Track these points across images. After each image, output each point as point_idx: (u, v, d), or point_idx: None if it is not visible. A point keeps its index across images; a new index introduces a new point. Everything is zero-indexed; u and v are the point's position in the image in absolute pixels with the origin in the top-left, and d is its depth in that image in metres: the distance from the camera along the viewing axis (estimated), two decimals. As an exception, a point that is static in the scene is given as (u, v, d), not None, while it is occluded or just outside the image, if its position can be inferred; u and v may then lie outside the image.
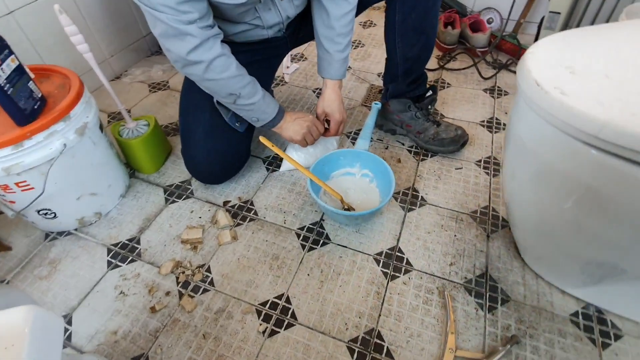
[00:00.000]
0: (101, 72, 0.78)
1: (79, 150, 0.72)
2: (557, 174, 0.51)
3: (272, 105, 0.77)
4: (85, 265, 0.76)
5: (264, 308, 0.69)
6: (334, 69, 0.82)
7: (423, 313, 0.67)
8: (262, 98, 0.74)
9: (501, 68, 1.26)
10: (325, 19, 0.77)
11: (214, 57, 0.64)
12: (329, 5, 0.75)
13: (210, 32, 0.63)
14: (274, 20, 0.75)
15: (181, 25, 0.59)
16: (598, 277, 0.64)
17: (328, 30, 0.78)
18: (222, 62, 0.65)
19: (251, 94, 0.72)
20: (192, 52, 0.62)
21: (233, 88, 0.69)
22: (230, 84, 0.68)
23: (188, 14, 0.58)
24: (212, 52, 0.63)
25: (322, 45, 0.80)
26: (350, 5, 0.75)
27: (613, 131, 0.40)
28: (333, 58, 0.80)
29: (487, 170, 0.93)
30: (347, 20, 0.76)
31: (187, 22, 0.59)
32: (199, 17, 0.59)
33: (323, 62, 0.83)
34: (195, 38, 0.61)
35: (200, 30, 0.60)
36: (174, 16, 0.58)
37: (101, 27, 1.22)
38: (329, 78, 0.84)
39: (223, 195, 0.90)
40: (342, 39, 0.78)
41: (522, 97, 0.52)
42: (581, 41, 0.54)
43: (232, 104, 0.73)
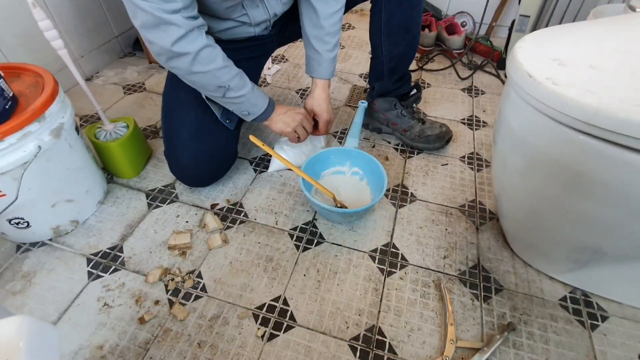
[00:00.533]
0: (76, 70, 0.73)
1: (54, 153, 0.67)
2: (548, 161, 0.53)
3: (262, 97, 0.75)
4: (63, 278, 0.71)
5: (261, 311, 0.66)
6: (324, 68, 0.82)
7: (422, 307, 0.68)
8: (252, 90, 0.72)
9: (477, 69, 1.31)
10: (314, 18, 0.76)
11: (200, 47, 0.61)
12: (317, 5, 0.74)
13: (195, 22, 0.60)
14: (261, 18, 0.74)
15: (164, 14, 0.55)
16: (582, 262, 0.67)
17: (317, 29, 0.77)
18: (209, 53, 0.63)
19: (240, 85, 0.69)
20: (177, 43, 0.59)
21: (221, 80, 0.66)
22: (218, 75, 0.65)
23: (172, 2, 0.55)
24: (198, 43, 0.61)
25: (311, 45, 0.80)
26: (339, 4, 0.76)
27: (605, 117, 0.42)
28: (322, 57, 0.80)
29: (472, 165, 0.96)
30: (335, 19, 0.76)
31: (171, 11, 0.56)
32: (182, 7, 0.57)
33: (312, 62, 0.82)
34: (180, 28, 0.57)
35: (184, 20, 0.57)
36: (157, 4, 0.54)
37: (70, 27, 1.15)
38: (319, 77, 0.83)
39: (210, 198, 0.86)
40: (331, 38, 0.78)
41: (513, 89, 0.54)
42: (563, 37, 0.57)
43: (222, 98, 0.70)
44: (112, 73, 1.26)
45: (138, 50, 1.37)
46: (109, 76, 1.25)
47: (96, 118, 1.08)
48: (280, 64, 1.36)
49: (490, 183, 0.91)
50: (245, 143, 1.01)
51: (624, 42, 0.54)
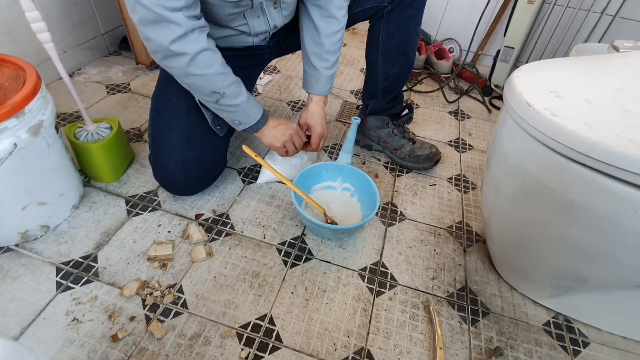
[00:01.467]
0: (62, 66, 0.69)
1: (30, 152, 0.62)
2: (541, 187, 0.55)
3: (256, 108, 0.73)
4: (28, 287, 0.64)
5: (245, 331, 0.63)
6: (321, 85, 0.81)
7: (411, 329, 0.67)
8: (247, 100, 0.70)
9: (463, 94, 1.35)
10: (315, 36, 0.76)
11: (199, 50, 0.59)
12: (319, 23, 0.75)
13: (196, 22, 0.58)
14: (261, 29, 0.73)
15: (165, 11, 0.53)
16: (564, 288, 0.68)
17: (317, 47, 0.77)
18: (208, 56, 0.61)
19: (235, 94, 0.67)
20: (176, 42, 0.56)
21: (217, 86, 0.64)
22: (214, 81, 0.63)
23: (174, 0, 0.53)
24: (198, 45, 0.59)
25: (309, 62, 0.80)
26: (340, 24, 0.76)
27: (602, 150, 0.44)
28: (320, 74, 0.80)
29: (458, 187, 0.98)
30: (336, 38, 0.77)
31: (172, 8, 0.54)
32: (185, 5, 0.55)
33: (310, 78, 0.82)
34: (180, 27, 0.55)
35: (185, 19, 0.56)
36: (158, 0, 0.53)
37: (54, 20, 1.10)
38: (315, 94, 0.83)
39: (195, 208, 0.83)
40: (331, 56, 0.78)
41: (510, 116, 0.55)
42: (556, 70, 0.60)
43: (215, 104, 0.68)
44: (95, 71, 1.20)
45: (125, 50, 1.32)
46: (91, 74, 1.19)
47: (76, 117, 1.03)
48: (272, 75, 1.35)
49: (477, 205, 0.93)
50: (234, 152, 0.98)
51: (613, 80, 0.57)
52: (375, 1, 0.80)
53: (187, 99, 0.72)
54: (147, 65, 1.27)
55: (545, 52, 1.35)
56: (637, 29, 1.29)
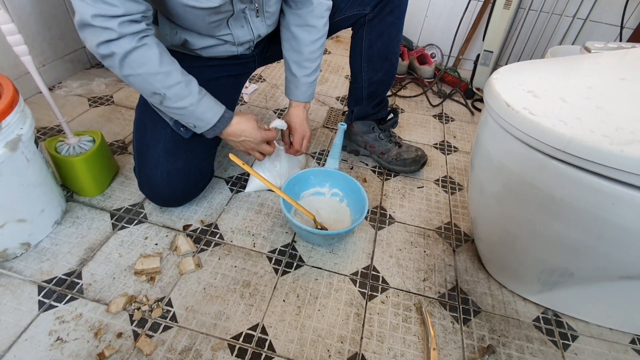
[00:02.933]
0: (40, 79, 0.68)
1: (8, 167, 0.60)
2: (523, 185, 0.56)
3: (212, 111, 0.67)
4: (8, 308, 0.62)
5: (237, 342, 0.62)
6: (301, 92, 0.82)
7: (404, 331, 0.66)
8: (197, 102, 0.64)
9: (446, 97, 1.38)
10: (294, 44, 0.77)
11: (130, 49, 0.55)
12: (298, 32, 0.75)
13: (132, 27, 0.55)
14: (245, 38, 0.73)
15: (98, 20, 0.52)
16: (551, 283, 0.70)
17: (296, 54, 0.78)
18: (138, 55, 0.56)
19: (180, 96, 0.62)
20: (103, 45, 0.54)
21: (156, 87, 0.60)
22: (150, 81, 0.59)
23: (113, 7, 0.52)
24: (126, 46, 0.55)
25: (289, 69, 0.81)
26: (320, 32, 0.77)
27: (577, 146, 0.46)
28: (300, 82, 0.81)
29: (445, 188, 0.99)
30: (316, 47, 0.78)
31: (109, 15, 0.52)
32: (123, 14, 0.53)
33: (290, 85, 0.83)
34: (112, 32, 0.53)
35: (117, 25, 0.53)
36: (97, 8, 0.51)
37: (32, 33, 1.08)
38: (295, 100, 0.83)
39: (182, 219, 0.81)
40: (310, 63, 0.79)
41: (491, 116, 0.56)
42: (532, 72, 0.62)
43: (159, 105, 0.64)
44: (77, 84, 1.18)
45: (107, 62, 1.30)
46: (72, 87, 1.17)
47: (57, 131, 1.00)
48: (258, 84, 1.35)
49: (464, 206, 0.94)
50: (221, 161, 0.98)
51: (586, 79, 0.59)
52: (356, 9, 0.82)
53: None
54: (130, 77, 1.25)
55: (522, 55, 1.40)
56: (606, 31, 1.35)
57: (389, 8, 0.80)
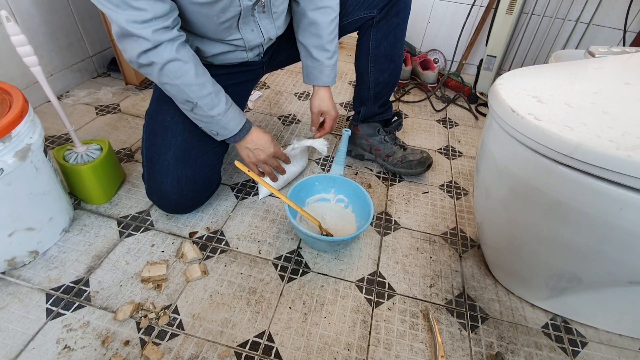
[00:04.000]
0: (49, 89, 0.69)
1: (17, 176, 0.61)
2: (529, 189, 0.56)
3: (236, 121, 0.72)
4: (16, 317, 0.62)
5: (243, 350, 0.62)
6: (325, 75, 0.83)
7: (411, 338, 0.66)
8: (224, 112, 0.69)
9: (450, 102, 1.38)
10: (312, 29, 0.78)
11: (168, 60, 0.60)
12: (315, 16, 0.77)
13: (166, 35, 0.59)
14: (256, 42, 0.74)
15: (132, 25, 0.55)
16: (560, 289, 0.69)
17: (316, 39, 0.79)
18: (177, 67, 0.62)
19: (211, 106, 0.67)
20: (143, 55, 0.59)
21: (190, 96, 0.65)
22: (185, 91, 0.64)
23: (143, 12, 0.55)
24: (166, 56, 0.60)
25: (310, 55, 0.82)
26: (335, 11, 0.79)
27: (584, 151, 0.45)
28: (324, 65, 0.82)
29: (451, 193, 0.99)
30: (333, 27, 0.79)
31: (141, 21, 0.55)
32: (153, 17, 0.56)
33: (313, 71, 0.83)
34: (147, 42, 0.58)
35: (152, 33, 0.57)
36: (128, 14, 0.54)
37: (40, 43, 1.10)
38: (321, 85, 0.85)
39: (189, 226, 0.82)
40: (330, 45, 0.80)
41: (496, 121, 0.57)
42: (536, 77, 0.62)
43: (190, 112, 0.69)
44: (84, 93, 1.20)
45: (114, 71, 1.32)
46: (80, 96, 1.19)
47: (65, 139, 1.02)
48: (262, 91, 1.37)
49: (470, 211, 0.94)
50: (226, 168, 0.98)
51: (591, 84, 0.59)
52: (364, 12, 0.83)
53: (182, 117, 0.73)
54: (137, 85, 1.27)
55: (526, 59, 1.40)
56: (610, 35, 1.34)
57: (394, 10, 0.82)
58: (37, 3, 1.06)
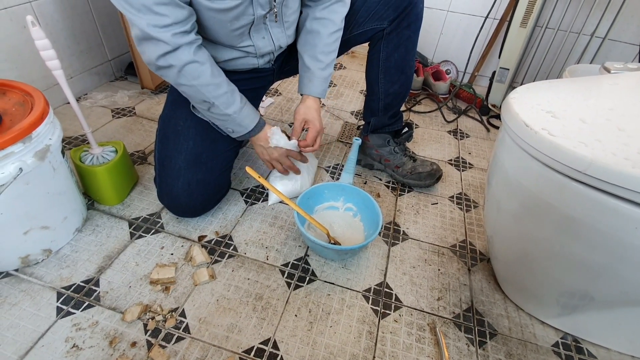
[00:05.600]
0: (70, 92, 0.71)
1: (35, 176, 0.63)
2: (541, 205, 0.55)
3: (250, 118, 0.75)
4: (27, 314, 0.63)
5: (248, 356, 0.62)
6: (314, 85, 0.81)
7: (417, 352, 0.65)
8: (240, 110, 0.72)
9: (461, 113, 1.38)
10: (309, 37, 0.78)
11: (186, 62, 0.62)
12: (314, 25, 0.77)
13: (184, 38, 0.61)
14: (267, 49, 0.76)
15: (153, 30, 0.57)
16: (571, 307, 0.68)
17: (310, 47, 0.79)
18: (194, 68, 0.63)
19: (227, 104, 0.69)
20: (162, 57, 0.61)
21: (206, 96, 0.67)
22: (203, 91, 0.66)
23: (163, 17, 0.57)
24: (183, 59, 0.62)
25: (303, 63, 0.81)
26: (336, 26, 0.78)
27: (599, 168, 0.45)
28: (314, 75, 0.81)
29: (460, 205, 0.98)
30: (331, 40, 0.79)
31: (162, 26, 0.58)
32: (173, 23, 0.58)
33: (303, 79, 0.83)
34: (166, 45, 0.60)
35: (172, 37, 0.59)
36: (149, 18, 0.56)
37: (62, 47, 1.13)
38: (309, 94, 0.83)
39: (198, 230, 0.83)
40: (324, 57, 0.79)
41: (509, 135, 0.56)
42: (550, 91, 0.62)
43: (207, 111, 0.71)
44: (102, 96, 1.23)
45: (131, 75, 1.35)
46: (97, 98, 1.22)
47: (81, 140, 1.04)
48: (274, 98, 1.38)
49: (480, 224, 0.93)
50: (236, 173, 0.99)
51: (606, 101, 0.58)
52: (375, 23, 0.84)
53: (194, 122, 0.74)
54: (152, 90, 1.30)
55: (539, 73, 1.39)
56: (625, 50, 1.33)
57: (405, 22, 0.82)
58: (60, 8, 1.10)
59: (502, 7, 1.38)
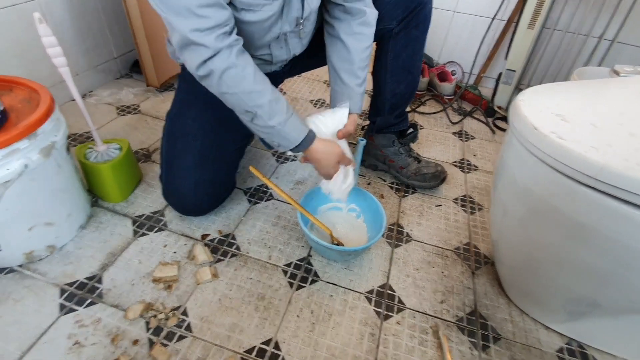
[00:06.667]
0: (76, 89, 0.71)
1: (40, 172, 0.63)
2: (549, 209, 0.54)
3: (297, 131, 0.67)
4: (30, 310, 0.64)
5: (250, 356, 0.61)
6: (354, 102, 0.78)
7: (419, 355, 0.65)
8: (285, 122, 0.65)
9: (466, 115, 1.37)
10: (344, 53, 0.75)
11: (226, 67, 0.58)
12: (348, 40, 0.74)
13: (225, 41, 0.57)
14: (282, 57, 0.76)
15: (196, 35, 0.55)
16: (578, 313, 0.67)
17: (347, 63, 0.76)
18: (235, 73, 0.59)
19: (270, 115, 0.64)
20: (202, 66, 0.58)
21: (249, 105, 0.62)
22: (245, 99, 0.62)
23: (206, 19, 0.54)
24: (223, 63, 0.58)
25: (340, 79, 0.77)
26: (369, 40, 0.76)
27: (610, 174, 0.44)
28: (353, 91, 0.77)
29: (465, 208, 0.97)
30: (366, 55, 0.77)
31: (204, 29, 0.55)
32: (215, 25, 0.55)
33: (341, 97, 0.78)
34: (207, 49, 0.56)
35: (215, 40, 0.56)
36: (191, 22, 0.54)
37: (68, 45, 1.14)
38: (350, 112, 0.78)
39: (201, 228, 0.83)
40: (361, 72, 0.77)
41: (517, 139, 0.56)
42: (559, 94, 0.61)
43: (250, 123, 0.66)
44: (107, 93, 1.23)
45: (136, 73, 1.36)
46: (102, 96, 1.22)
47: (86, 137, 1.04)
48: (278, 97, 1.38)
49: (484, 227, 0.92)
50: (240, 172, 0.99)
51: (616, 104, 0.57)
52: (383, 24, 0.83)
53: (203, 122, 0.74)
54: (157, 87, 1.30)
55: (546, 75, 1.37)
56: (635, 53, 1.31)
57: (414, 22, 0.81)
58: (68, 6, 1.10)
59: (510, 8, 1.37)
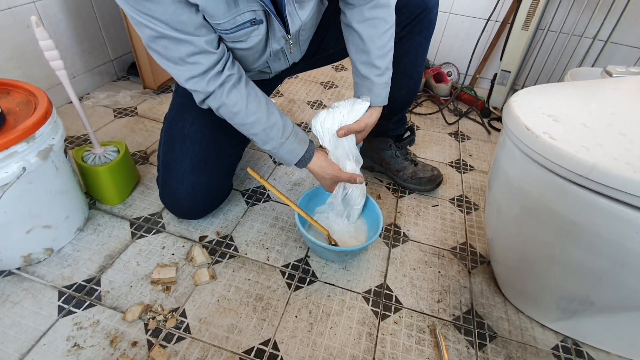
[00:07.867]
0: (73, 92, 0.71)
1: (38, 175, 0.63)
2: (542, 209, 0.55)
3: (291, 154, 0.69)
4: (29, 312, 0.64)
5: (248, 356, 0.62)
6: (375, 95, 0.73)
7: (417, 354, 0.65)
8: (279, 146, 0.68)
9: (462, 116, 1.38)
10: (359, 44, 0.69)
11: (219, 106, 0.63)
12: (361, 28, 0.68)
13: (216, 81, 0.60)
14: (281, 68, 0.76)
15: (189, 83, 0.59)
16: (571, 311, 0.68)
17: (363, 55, 0.70)
18: (227, 110, 0.64)
19: (264, 141, 0.67)
20: (202, 103, 0.64)
21: (244, 131, 0.68)
22: (240, 129, 0.67)
23: (198, 65, 0.57)
24: (216, 103, 0.63)
25: (358, 72, 0.73)
26: (388, 24, 0.68)
27: (600, 173, 0.45)
28: (373, 83, 0.72)
29: (461, 208, 0.98)
30: (385, 40, 0.69)
31: (197, 74, 0.58)
32: (207, 69, 0.58)
33: (362, 89, 0.74)
34: (201, 94, 0.61)
35: (205, 85, 0.59)
36: (186, 69, 0.57)
37: (65, 47, 1.14)
38: (372, 105, 0.74)
39: (199, 230, 0.83)
40: (380, 61, 0.70)
41: (510, 139, 0.56)
42: (552, 95, 0.62)
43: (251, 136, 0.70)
44: (104, 95, 1.23)
45: (133, 75, 1.36)
46: (99, 98, 1.22)
47: (83, 140, 1.04)
48: (275, 99, 1.38)
49: (480, 226, 0.93)
50: (238, 174, 0.99)
51: (607, 105, 0.58)
52: None
53: (201, 126, 0.74)
54: (154, 90, 1.30)
55: (541, 75, 1.39)
56: (628, 53, 1.33)
57: (418, 29, 0.80)
58: (64, 9, 1.10)
59: (504, 10, 1.39)
